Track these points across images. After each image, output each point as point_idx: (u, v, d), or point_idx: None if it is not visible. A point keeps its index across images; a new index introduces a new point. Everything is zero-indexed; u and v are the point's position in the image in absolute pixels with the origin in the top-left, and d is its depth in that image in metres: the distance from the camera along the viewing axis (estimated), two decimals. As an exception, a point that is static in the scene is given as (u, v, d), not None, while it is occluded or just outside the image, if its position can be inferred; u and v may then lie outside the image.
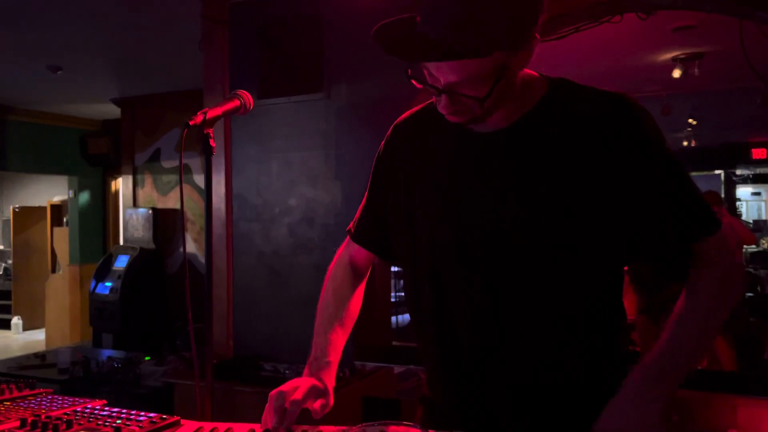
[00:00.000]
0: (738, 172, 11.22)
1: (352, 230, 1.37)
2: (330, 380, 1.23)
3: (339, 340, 1.29)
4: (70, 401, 1.23)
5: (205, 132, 1.25)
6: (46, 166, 7.70)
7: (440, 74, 1.00)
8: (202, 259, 5.64)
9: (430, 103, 1.22)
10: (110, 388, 3.18)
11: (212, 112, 1.26)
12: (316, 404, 1.16)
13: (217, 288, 3.50)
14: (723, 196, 10.05)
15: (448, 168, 1.16)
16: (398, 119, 1.30)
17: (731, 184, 11.48)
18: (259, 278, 3.44)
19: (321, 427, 1.09)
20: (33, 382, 1.31)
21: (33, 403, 1.22)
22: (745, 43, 3.22)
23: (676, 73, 4.93)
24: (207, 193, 1.30)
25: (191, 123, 1.22)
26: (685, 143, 9.74)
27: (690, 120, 7.41)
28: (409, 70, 1.05)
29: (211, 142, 1.26)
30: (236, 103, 1.33)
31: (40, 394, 1.29)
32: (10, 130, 7.07)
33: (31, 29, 4.25)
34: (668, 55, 4.96)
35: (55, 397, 1.25)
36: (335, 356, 1.27)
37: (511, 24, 0.96)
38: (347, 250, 1.39)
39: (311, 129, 3.37)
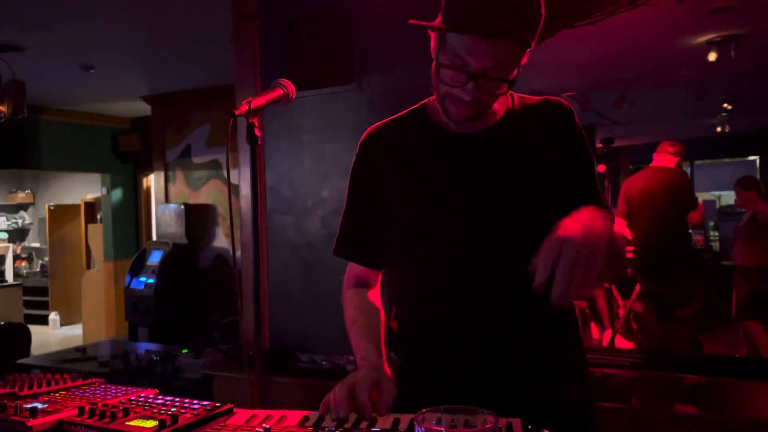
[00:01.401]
0: (774, 157, 10.95)
1: (336, 248, 1.45)
2: (383, 367, 1.24)
3: (376, 338, 1.32)
4: (123, 390, 1.24)
5: (249, 121, 1.25)
6: (79, 164, 7.84)
7: (478, 60, 1.13)
8: (236, 253, 5.71)
9: (395, 117, 1.39)
10: (150, 381, 3.22)
11: (256, 102, 1.26)
12: (382, 392, 1.15)
13: (252, 281, 3.52)
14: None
15: (428, 167, 1.30)
16: (367, 131, 1.42)
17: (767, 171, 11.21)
18: (293, 270, 3.46)
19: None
20: (85, 372, 1.32)
21: (88, 392, 1.23)
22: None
23: (712, 57, 4.81)
24: (252, 183, 1.30)
25: (237, 112, 1.22)
26: (719, 129, 9.53)
27: (725, 105, 7.24)
28: (439, 58, 1.19)
29: (257, 132, 1.26)
30: (279, 92, 1.33)
31: (93, 383, 1.31)
32: (43, 129, 7.20)
33: (63, 29, 4.31)
34: (703, 38, 4.84)
35: (108, 386, 1.27)
36: (379, 349, 1.29)
37: (539, 17, 1.16)
38: (348, 272, 1.47)
39: (342, 121, 3.36)
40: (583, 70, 5.95)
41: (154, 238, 7.14)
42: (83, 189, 10.17)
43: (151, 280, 6.06)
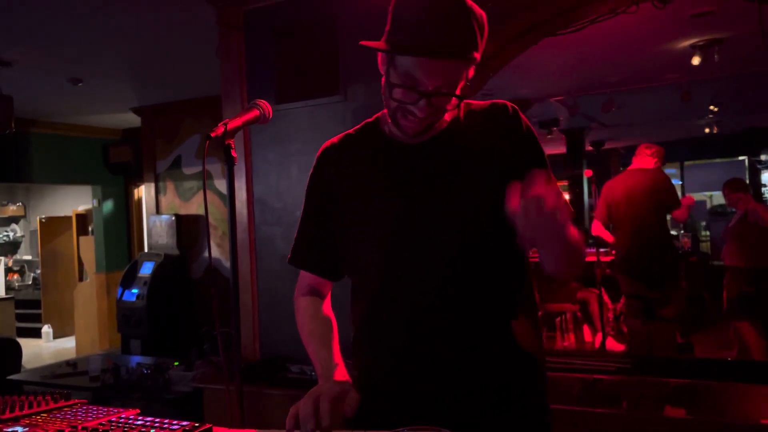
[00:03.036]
0: (762, 157, 11.03)
1: (291, 257, 1.49)
2: (346, 377, 1.26)
3: (335, 348, 1.35)
4: (104, 411, 1.25)
5: (226, 143, 1.26)
6: (69, 176, 7.83)
7: (429, 79, 1.19)
8: (226, 264, 5.72)
9: (350, 132, 1.45)
10: (141, 395, 3.22)
11: (233, 123, 1.28)
12: (346, 400, 1.17)
13: (241, 292, 3.53)
14: (747, 182, 9.88)
15: (379, 179, 1.33)
16: (324, 146, 1.47)
17: (755, 171, 11.29)
18: (283, 281, 3.46)
19: None
20: (68, 393, 1.33)
21: (69, 414, 1.24)
22: (766, 27, 3.17)
23: (696, 60, 4.87)
24: (230, 201, 1.32)
25: (212, 135, 1.24)
26: (707, 130, 9.60)
27: (711, 107, 7.30)
28: (390, 76, 1.25)
29: (233, 153, 1.28)
30: (256, 113, 1.35)
31: (75, 405, 1.31)
32: (34, 142, 7.20)
33: (50, 43, 4.32)
34: (687, 42, 4.89)
35: (90, 407, 1.27)
36: (339, 359, 1.32)
37: (483, 33, 1.22)
38: (301, 280, 1.50)
39: (329, 131, 3.34)
40: (569, 75, 5.99)
41: (146, 249, 7.14)
42: (75, 201, 10.16)
43: (143, 292, 6.05)
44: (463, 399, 1.25)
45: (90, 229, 9.26)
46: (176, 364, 3.56)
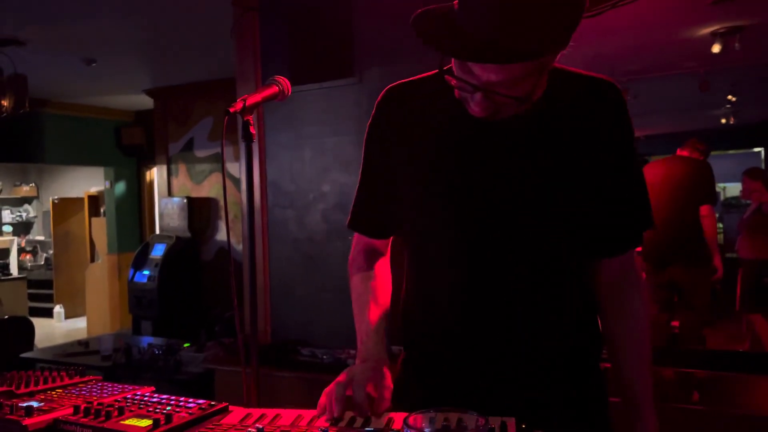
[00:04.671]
0: (780, 149, 10.88)
1: (350, 221, 1.35)
2: (382, 362, 1.19)
3: (380, 320, 1.25)
4: (119, 388, 1.25)
5: (245, 119, 1.24)
6: (82, 157, 7.85)
7: (482, 72, 0.97)
8: (238, 247, 5.72)
9: (418, 78, 1.24)
10: (152, 375, 3.24)
11: (252, 99, 1.26)
12: (379, 389, 1.11)
13: (248, 274, 3.52)
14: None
15: (452, 146, 1.16)
16: (386, 89, 1.28)
17: (772, 162, 11.14)
18: (295, 264, 3.46)
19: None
20: (82, 369, 1.33)
21: (84, 390, 1.24)
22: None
23: (716, 48, 4.78)
24: (248, 179, 1.30)
25: (231, 110, 1.22)
26: (723, 120, 9.46)
27: (729, 96, 7.19)
28: (445, 65, 1.04)
29: (252, 129, 1.26)
30: (275, 89, 1.32)
31: (90, 381, 1.31)
32: (46, 122, 7.21)
33: (65, 23, 4.31)
34: (707, 30, 4.80)
35: (105, 384, 1.27)
36: (380, 337, 1.24)
37: (563, 26, 0.94)
38: (358, 240, 1.37)
39: (344, 114, 3.36)
40: (584, 63, 5.90)
41: (158, 231, 7.16)
42: (87, 182, 10.19)
43: (154, 274, 6.08)
44: (517, 389, 1.16)
45: (102, 210, 9.30)
46: (187, 345, 3.56)
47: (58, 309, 9.51)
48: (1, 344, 3.88)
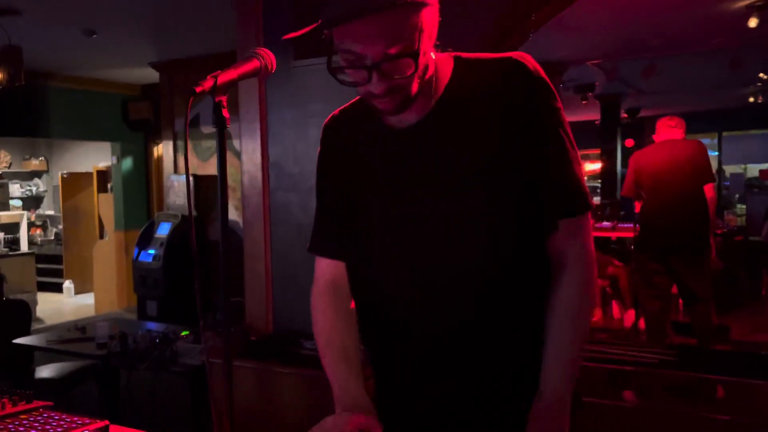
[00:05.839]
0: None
1: (312, 244, 1.34)
2: (367, 402, 1.11)
3: (359, 366, 1.19)
4: (67, 421, 1.05)
5: (216, 100, 1.02)
6: (88, 132, 7.68)
7: (368, 47, 0.99)
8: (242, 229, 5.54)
9: (354, 103, 1.25)
10: (148, 365, 3.08)
11: (225, 76, 1.04)
12: None
13: (254, 261, 3.35)
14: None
15: (378, 165, 1.17)
16: (327, 120, 1.31)
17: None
18: (299, 251, 3.25)
19: None
20: (30, 394, 1.14)
21: (24, 423, 1.04)
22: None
23: (753, 23, 4.48)
24: (220, 173, 1.08)
25: (198, 90, 1.00)
26: (752, 99, 9.14)
27: (761, 74, 6.86)
28: (332, 62, 1.07)
29: (224, 113, 1.04)
30: (255, 63, 1.10)
31: (37, 409, 1.12)
32: (51, 96, 7.03)
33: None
34: (743, 2, 4.50)
35: (51, 414, 1.08)
36: (359, 376, 1.17)
37: None
38: (321, 273, 1.32)
39: (351, 91, 3.12)
40: (609, 38, 5.62)
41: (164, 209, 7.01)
42: (96, 157, 10.04)
43: (159, 253, 5.92)
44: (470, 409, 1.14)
45: (109, 186, 9.16)
46: (185, 333, 3.40)
47: (67, 284, 9.44)
48: (-3, 328, 3.75)
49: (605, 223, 6.60)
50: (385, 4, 0.95)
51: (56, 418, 1.06)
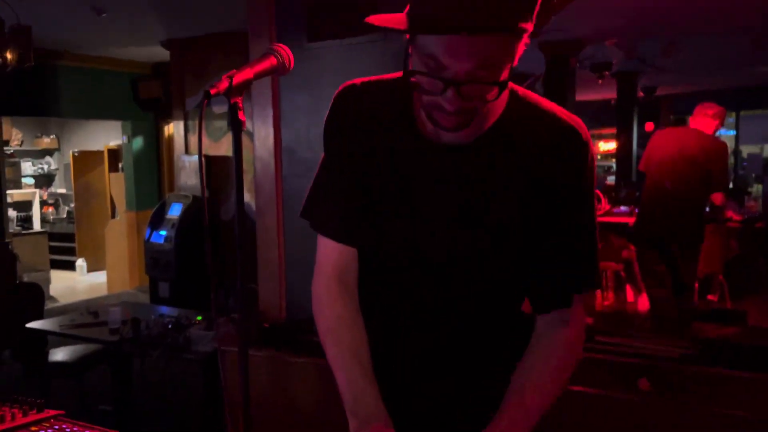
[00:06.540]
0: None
1: (317, 220, 1.22)
2: (383, 413, 1.05)
3: (371, 370, 1.13)
4: (78, 435, 1.02)
5: (231, 102, 0.96)
6: (98, 111, 7.63)
7: (457, 63, 0.90)
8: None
9: (385, 79, 1.18)
10: (161, 353, 3.06)
11: (241, 76, 0.98)
12: None
13: (267, 248, 3.31)
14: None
15: (403, 168, 1.11)
16: (344, 86, 1.23)
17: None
18: (312, 238, 3.21)
19: None
20: (41, 403, 1.10)
21: (35, 438, 1.01)
22: None
23: (779, 1, 4.32)
24: (237, 174, 1.03)
25: (212, 92, 0.94)
26: (773, 78, 8.93)
27: (785, 53, 6.67)
28: (412, 60, 0.96)
29: (241, 115, 0.98)
30: (272, 61, 1.04)
31: (48, 419, 1.08)
32: (61, 75, 6.97)
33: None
34: (770, -20, 4.35)
35: (63, 427, 1.04)
36: (373, 382, 1.11)
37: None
38: (327, 255, 1.21)
39: (366, 74, 3.03)
40: (629, 16, 5.46)
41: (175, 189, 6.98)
42: (107, 135, 10.01)
43: (171, 234, 5.89)
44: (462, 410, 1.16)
45: (120, 166, 9.13)
46: (199, 319, 3.38)
47: (80, 262, 9.49)
48: (11, 312, 3.75)
49: (623, 208, 6.50)
50: (501, 28, 0.86)
51: (67, 430, 1.02)
